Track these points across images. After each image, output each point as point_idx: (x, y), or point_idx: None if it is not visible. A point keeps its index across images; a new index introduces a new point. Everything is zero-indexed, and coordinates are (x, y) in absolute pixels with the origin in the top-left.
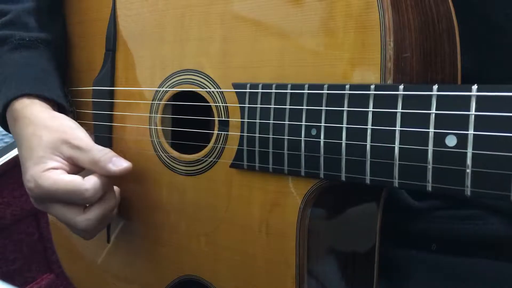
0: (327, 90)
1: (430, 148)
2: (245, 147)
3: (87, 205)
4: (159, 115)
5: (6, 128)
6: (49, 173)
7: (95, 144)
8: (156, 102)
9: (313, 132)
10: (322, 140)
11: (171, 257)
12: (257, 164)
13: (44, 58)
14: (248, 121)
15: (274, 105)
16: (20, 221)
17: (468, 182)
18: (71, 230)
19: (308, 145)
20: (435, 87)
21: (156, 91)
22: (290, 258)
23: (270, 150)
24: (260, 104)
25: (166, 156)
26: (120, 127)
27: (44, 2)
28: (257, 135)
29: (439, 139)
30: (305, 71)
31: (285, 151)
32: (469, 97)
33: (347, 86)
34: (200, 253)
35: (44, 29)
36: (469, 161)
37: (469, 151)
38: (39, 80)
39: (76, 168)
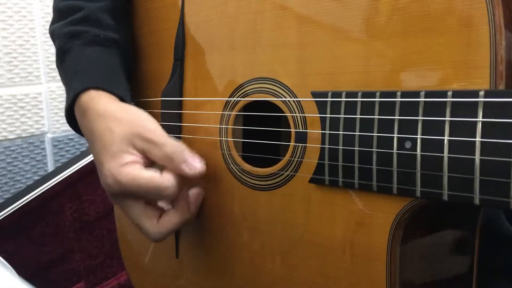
0: (424, 97)
1: None
2: (326, 161)
3: (161, 215)
4: (230, 126)
5: (72, 124)
6: (127, 169)
7: (168, 137)
8: (227, 112)
9: (408, 145)
10: (418, 153)
11: (243, 276)
12: (340, 179)
13: (115, 58)
14: (330, 133)
15: (360, 115)
16: (102, 217)
17: None
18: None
19: (401, 159)
20: None
21: (227, 101)
22: (378, 284)
23: (356, 164)
24: (344, 114)
25: (237, 169)
26: (189, 138)
27: (117, 2)
28: (340, 147)
29: None
30: (395, 76)
31: (374, 166)
32: None
33: (449, 93)
34: (275, 273)
35: (116, 31)
36: None
37: None
38: (108, 76)
39: (149, 161)
